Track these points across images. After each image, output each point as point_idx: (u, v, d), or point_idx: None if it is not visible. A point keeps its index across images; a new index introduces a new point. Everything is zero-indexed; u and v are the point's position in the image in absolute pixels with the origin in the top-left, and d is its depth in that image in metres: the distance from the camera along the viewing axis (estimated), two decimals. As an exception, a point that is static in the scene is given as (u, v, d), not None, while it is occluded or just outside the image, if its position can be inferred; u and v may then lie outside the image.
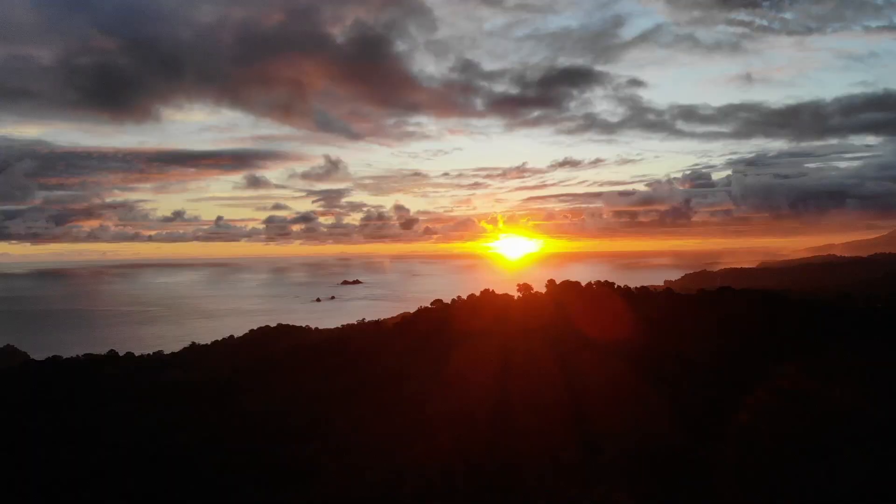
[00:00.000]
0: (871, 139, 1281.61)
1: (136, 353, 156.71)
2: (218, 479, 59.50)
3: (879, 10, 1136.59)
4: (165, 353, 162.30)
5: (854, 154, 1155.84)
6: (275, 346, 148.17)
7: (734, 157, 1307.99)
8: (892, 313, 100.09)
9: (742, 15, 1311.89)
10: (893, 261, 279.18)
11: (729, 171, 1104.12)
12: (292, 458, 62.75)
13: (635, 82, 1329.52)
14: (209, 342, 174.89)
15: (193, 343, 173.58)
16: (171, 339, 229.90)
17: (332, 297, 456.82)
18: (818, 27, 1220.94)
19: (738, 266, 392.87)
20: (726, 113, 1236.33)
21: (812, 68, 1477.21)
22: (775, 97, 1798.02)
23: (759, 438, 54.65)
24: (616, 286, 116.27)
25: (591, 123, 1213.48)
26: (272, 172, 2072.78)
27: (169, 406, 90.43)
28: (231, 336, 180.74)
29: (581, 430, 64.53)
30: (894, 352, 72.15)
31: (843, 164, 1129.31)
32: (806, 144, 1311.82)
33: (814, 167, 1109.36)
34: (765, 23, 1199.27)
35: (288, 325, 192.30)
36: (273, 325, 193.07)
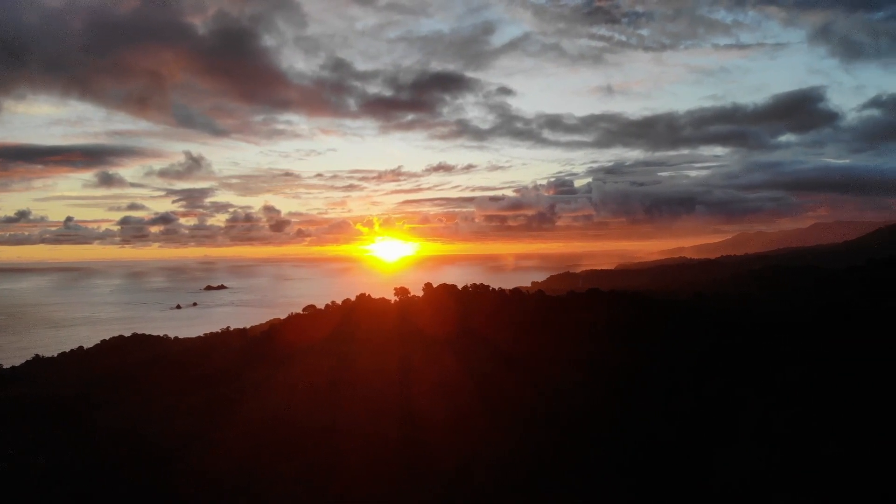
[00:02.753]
0: (718, 150, 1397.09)
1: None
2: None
3: (728, 29, 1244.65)
4: (5, 366, 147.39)
5: (703, 164, 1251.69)
6: (129, 357, 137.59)
7: (595, 165, 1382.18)
8: (743, 313, 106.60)
9: (603, 30, 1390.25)
10: (738, 262, 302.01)
11: (590, 179, 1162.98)
12: (148, 484, 57.32)
13: (504, 90, 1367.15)
14: (56, 354, 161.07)
15: (37, 355, 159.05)
16: (11, 352, 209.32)
17: (194, 304, 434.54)
18: (672, 44, 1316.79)
19: (599, 268, 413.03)
20: (588, 123, 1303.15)
21: (667, 82, 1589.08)
22: (633, 108, 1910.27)
23: (643, 440, 55.39)
24: (491, 288, 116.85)
25: (464, 130, 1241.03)
26: (127, 170, 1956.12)
27: (9, 426, 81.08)
28: (81, 347, 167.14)
29: (456, 437, 63.27)
30: (746, 348, 76.20)
31: (693, 173, 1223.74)
32: (660, 154, 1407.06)
33: (667, 175, 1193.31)
34: (623, 38, 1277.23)
35: (144, 335, 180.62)
36: (128, 334, 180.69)
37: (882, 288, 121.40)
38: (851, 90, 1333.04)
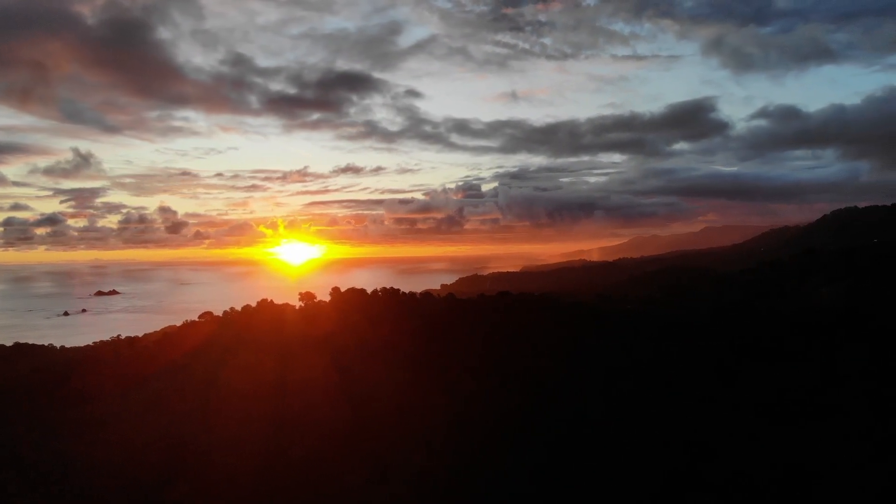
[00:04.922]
0: (617, 157, 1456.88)
1: None
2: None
3: (626, 40, 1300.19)
4: None
5: (602, 170, 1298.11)
6: (9, 369, 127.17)
7: (501, 170, 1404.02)
8: (646, 314, 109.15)
9: (507, 37, 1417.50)
10: (636, 265, 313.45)
11: (496, 184, 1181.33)
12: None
13: (412, 93, 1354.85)
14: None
15: None
16: None
17: (84, 311, 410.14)
18: (573, 53, 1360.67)
19: (505, 270, 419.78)
20: (494, 128, 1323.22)
21: (569, 90, 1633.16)
22: (537, 115, 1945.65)
23: (557, 443, 54.64)
24: (401, 292, 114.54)
25: (372, 131, 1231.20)
26: (10, 168, 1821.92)
27: None
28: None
29: (367, 447, 60.90)
30: (653, 349, 77.45)
31: (592, 179, 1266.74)
32: (562, 160, 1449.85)
33: (568, 181, 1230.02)
34: (527, 46, 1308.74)
35: (28, 345, 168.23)
36: (9, 343, 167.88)
37: (772, 288, 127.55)
38: (741, 101, 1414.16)
